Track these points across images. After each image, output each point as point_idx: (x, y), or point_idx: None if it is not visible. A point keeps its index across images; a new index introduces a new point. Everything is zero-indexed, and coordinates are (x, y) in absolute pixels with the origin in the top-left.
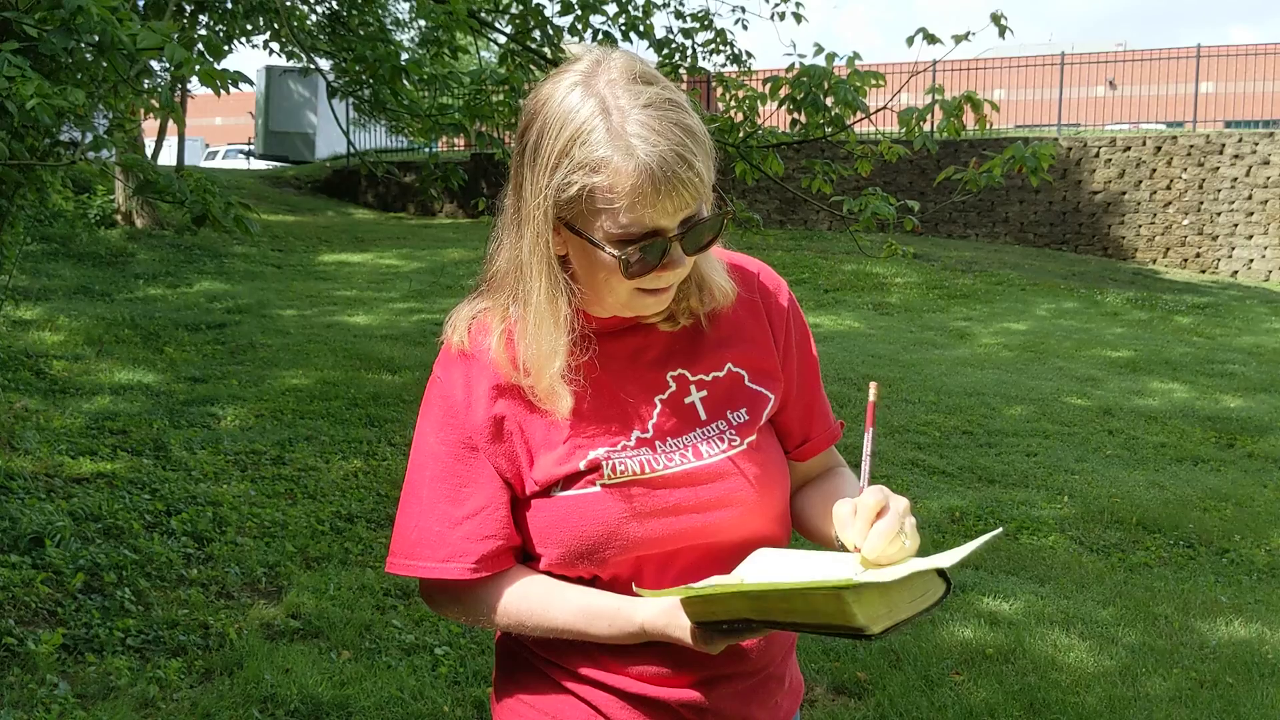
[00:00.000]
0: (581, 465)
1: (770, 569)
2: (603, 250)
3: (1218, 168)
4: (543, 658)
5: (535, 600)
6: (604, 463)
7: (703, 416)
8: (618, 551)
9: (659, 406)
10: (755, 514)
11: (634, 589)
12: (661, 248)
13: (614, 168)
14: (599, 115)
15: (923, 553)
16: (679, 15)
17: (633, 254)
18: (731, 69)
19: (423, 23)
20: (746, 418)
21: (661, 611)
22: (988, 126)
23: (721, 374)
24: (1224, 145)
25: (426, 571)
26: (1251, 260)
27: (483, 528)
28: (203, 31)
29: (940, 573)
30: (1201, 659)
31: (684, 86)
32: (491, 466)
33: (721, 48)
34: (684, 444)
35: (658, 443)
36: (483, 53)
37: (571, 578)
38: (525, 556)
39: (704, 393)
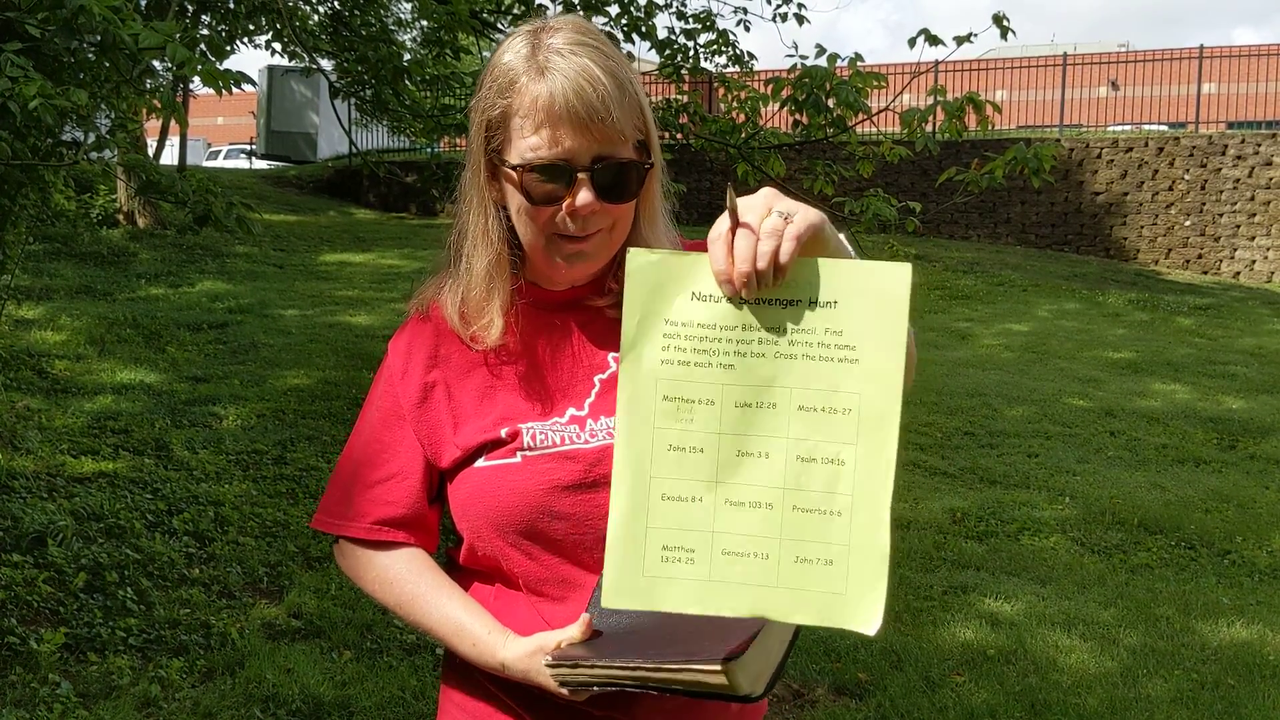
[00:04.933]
0: (502, 433)
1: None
2: (510, 171)
3: (1220, 169)
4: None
5: (418, 589)
6: (524, 433)
7: None
8: (539, 527)
9: (597, 386)
10: None
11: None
12: (567, 177)
13: (521, 86)
14: (527, 47)
15: None
16: (681, 16)
17: (534, 178)
18: (733, 70)
19: (425, 23)
20: None
21: (525, 655)
22: (989, 127)
23: None
24: (1226, 146)
25: (332, 528)
26: (1254, 261)
27: (388, 493)
28: (205, 31)
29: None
30: (1203, 660)
31: (686, 87)
32: (414, 436)
33: (723, 49)
34: (614, 424)
35: (590, 421)
36: (484, 53)
37: (502, 573)
38: (457, 543)
39: None
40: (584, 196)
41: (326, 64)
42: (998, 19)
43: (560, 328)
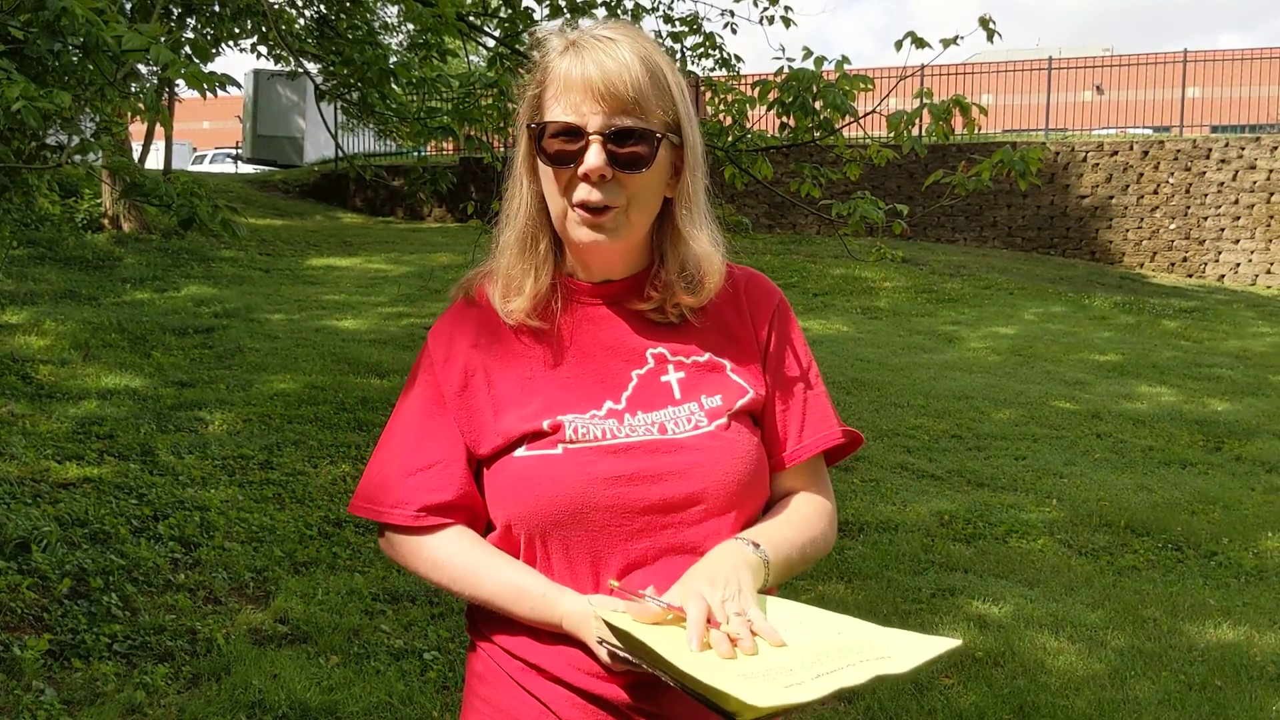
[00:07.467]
0: (545, 425)
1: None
2: (534, 137)
3: (1204, 172)
4: (503, 651)
5: (470, 563)
6: (566, 425)
7: (677, 396)
8: (577, 518)
9: (635, 380)
10: (712, 493)
11: (606, 584)
12: (580, 138)
13: (552, 64)
14: (567, 35)
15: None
16: (668, 19)
17: (551, 140)
18: (721, 73)
19: (411, 26)
20: (720, 403)
21: (581, 611)
22: (976, 131)
23: (702, 359)
24: (1210, 150)
25: (375, 515)
26: (1238, 264)
27: (432, 481)
28: (190, 34)
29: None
30: (1190, 662)
31: None
32: (455, 424)
33: (711, 52)
34: (652, 420)
35: (627, 415)
36: (471, 56)
37: (535, 561)
38: (488, 529)
39: (681, 374)
40: (592, 157)
41: (312, 67)
42: (984, 22)
43: (598, 321)
